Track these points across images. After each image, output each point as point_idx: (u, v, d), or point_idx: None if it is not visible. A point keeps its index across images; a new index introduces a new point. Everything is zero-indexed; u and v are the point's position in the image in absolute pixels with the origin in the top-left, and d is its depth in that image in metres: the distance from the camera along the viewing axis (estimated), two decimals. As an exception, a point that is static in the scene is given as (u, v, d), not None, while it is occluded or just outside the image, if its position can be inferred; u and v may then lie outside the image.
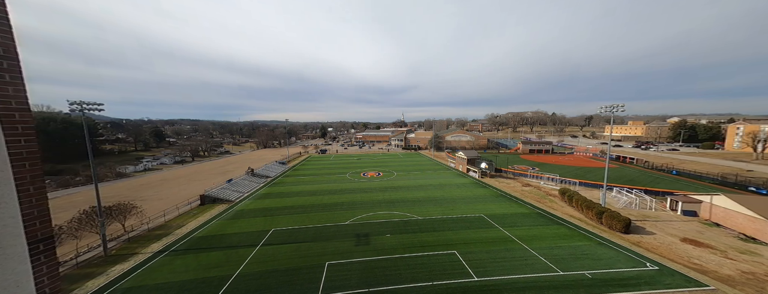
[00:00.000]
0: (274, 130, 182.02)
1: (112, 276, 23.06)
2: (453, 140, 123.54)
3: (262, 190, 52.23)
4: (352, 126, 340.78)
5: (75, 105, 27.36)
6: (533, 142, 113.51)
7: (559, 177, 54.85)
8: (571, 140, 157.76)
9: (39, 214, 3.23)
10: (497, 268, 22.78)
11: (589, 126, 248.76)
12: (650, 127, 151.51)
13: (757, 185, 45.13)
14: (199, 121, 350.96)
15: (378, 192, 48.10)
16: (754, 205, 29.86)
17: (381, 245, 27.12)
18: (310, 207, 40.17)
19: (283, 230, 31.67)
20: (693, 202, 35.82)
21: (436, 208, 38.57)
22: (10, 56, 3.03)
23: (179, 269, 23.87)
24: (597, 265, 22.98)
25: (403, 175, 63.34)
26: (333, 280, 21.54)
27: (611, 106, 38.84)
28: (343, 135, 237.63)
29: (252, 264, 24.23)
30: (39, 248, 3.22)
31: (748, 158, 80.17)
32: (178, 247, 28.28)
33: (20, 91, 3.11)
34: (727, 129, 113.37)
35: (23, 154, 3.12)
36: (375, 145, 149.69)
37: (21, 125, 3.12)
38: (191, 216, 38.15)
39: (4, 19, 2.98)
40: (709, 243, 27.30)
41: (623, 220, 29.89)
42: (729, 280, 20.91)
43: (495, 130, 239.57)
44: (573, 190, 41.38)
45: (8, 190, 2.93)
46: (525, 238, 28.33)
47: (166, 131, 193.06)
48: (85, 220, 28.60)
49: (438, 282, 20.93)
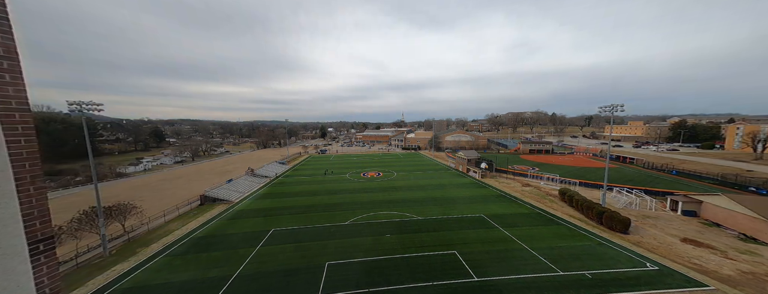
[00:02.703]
0: (274, 130, 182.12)
1: (112, 276, 23.06)
2: (453, 140, 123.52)
3: (262, 190, 52.21)
4: (352, 126, 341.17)
5: (74, 105, 27.39)
6: (533, 142, 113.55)
7: (559, 177, 54.84)
8: (571, 140, 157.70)
9: (39, 214, 3.23)
10: (497, 268, 22.78)
11: (589, 126, 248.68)
12: (650, 127, 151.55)
13: (757, 185, 45.11)
14: (199, 121, 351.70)
15: (378, 192, 48.09)
16: (754, 205, 29.88)
17: (381, 245, 27.11)
18: (310, 207, 40.15)
19: (283, 230, 31.66)
20: (693, 202, 35.82)
21: (436, 208, 38.55)
22: (10, 56, 3.04)
23: (179, 269, 23.87)
24: (597, 265, 22.98)
25: (403, 175, 63.32)
26: (333, 280, 21.53)
27: (611, 107, 38.85)
28: (343, 135, 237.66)
29: (252, 264, 24.23)
30: (39, 248, 3.22)
31: (748, 158, 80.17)
32: (178, 247, 28.28)
33: (20, 92, 3.12)
34: (727, 129, 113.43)
35: (23, 154, 3.12)
36: (375, 145, 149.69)
37: (21, 125, 3.12)
38: (191, 216, 38.13)
39: (4, 19, 2.99)
40: (709, 243, 27.29)
41: (623, 220, 29.89)
42: (729, 280, 20.91)
43: (495, 131, 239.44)
44: (573, 190, 41.37)
45: (8, 190, 2.93)
46: (525, 238, 28.32)
47: (166, 131, 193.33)
48: (85, 220, 28.62)
49: (438, 282, 20.92)
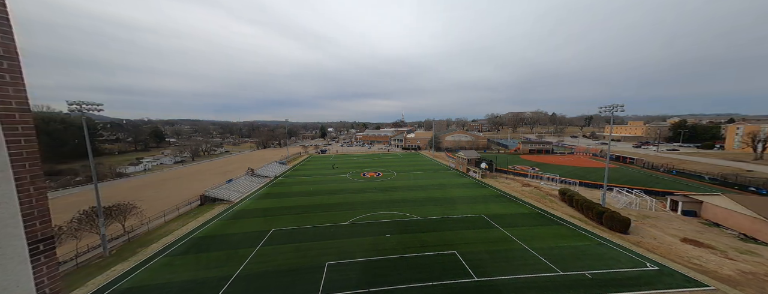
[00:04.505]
0: (274, 130, 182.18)
1: (112, 276, 23.06)
2: (452, 140, 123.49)
3: (262, 190, 52.21)
4: (352, 126, 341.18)
5: (74, 105, 27.37)
6: (533, 142, 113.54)
7: (559, 177, 54.82)
8: (571, 140, 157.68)
9: (39, 214, 3.23)
10: (497, 268, 22.77)
11: (589, 126, 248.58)
12: (650, 128, 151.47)
13: (757, 185, 45.08)
14: (199, 121, 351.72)
15: (378, 192, 48.08)
16: (754, 205, 29.88)
17: (381, 245, 27.10)
18: (310, 207, 40.14)
19: (283, 230, 31.65)
20: (693, 202, 35.83)
21: (436, 208, 38.54)
22: (10, 56, 3.04)
23: (179, 269, 23.86)
24: (597, 265, 22.98)
25: (403, 175, 63.32)
26: (333, 280, 21.52)
27: (611, 107, 38.84)
28: (343, 135, 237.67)
29: (252, 264, 24.22)
30: (39, 248, 3.22)
31: (748, 158, 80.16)
32: (178, 247, 28.27)
33: (20, 92, 3.12)
34: (727, 129, 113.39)
35: (23, 154, 3.12)
36: (375, 145, 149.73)
37: (21, 125, 3.12)
38: (191, 216, 38.13)
39: (5, 19, 2.99)
40: (709, 243, 27.28)
41: (623, 220, 29.89)
42: (729, 280, 20.90)
43: (495, 131, 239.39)
44: (573, 190, 41.37)
45: (8, 190, 2.93)
46: (525, 238, 28.32)
47: (166, 131, 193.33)
48: (85, 220, 28.60)
49: (438, 282, 20.92)
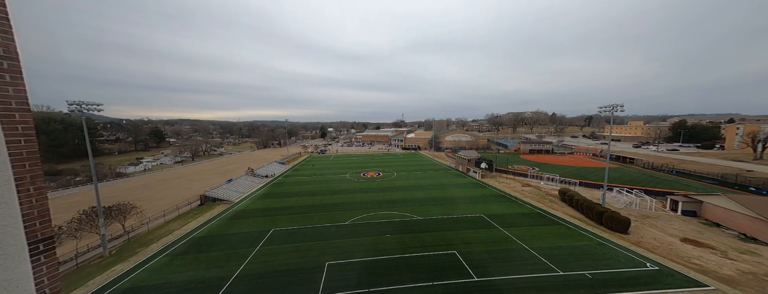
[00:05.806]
0: (274, 130, 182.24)
1: (112, 276, 23.05)
2: (453, 140, 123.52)
3: (262, 190, 52.20)
4: (352, 126, 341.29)
5: (74, 105, 27.38)
6: (533, 142, 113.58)
7: (559, 177, 54.84)
8: (571, 140, 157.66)
9: (39, 214, 3.23)
10: (497, 268, 22.77)
11: (589, 126, 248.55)
12: (650, 128, 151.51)
13: (757, 185, 45.09)
14: (199, 121, 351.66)
15: (378, 192, 48.07)
16: (754, 205, 29.89)
17: (381, 245, 27.10)
18: (310, 207, 40.13)
19: (283, 230, 31.65)
20: (693, 202, 35.84)
21: (436, 208, 38.54)
22: (10, 56, 3.03)
23: (179, 269, 23.85)
24: (597, 265, 22.98)
25: (403, 175, 63.31)
26: (333, 280, 21.51)
27: (611, 107, 38.84)
28: (343, 135, 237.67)
29: (252, 264, 24.21)
30: (39, 248, 3.22)
31: (748, 158, 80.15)
32: (178, 247, 28.26)
33: (20, 92, 3.12)
34: (727, 129, 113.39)
35: (23, 154, 3.12)
36: (375, 145, 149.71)
37: (21, 125, 3.12)
38: (191, 216, 38.12)
39: (5, 19, 2.99)
40: (709, 243, 27.29)
41: (623, 220, 29.90)
42: (729, 280, 20.90)
43: (495, 131, 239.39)
44: (573, 190, 41.38)
45: (8, 190, 2.93)
46: (525, 238, 28.32)
47: (166, 131, 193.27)
48: (85, 220, 28.60)
49: (438, 282, 20.91)
